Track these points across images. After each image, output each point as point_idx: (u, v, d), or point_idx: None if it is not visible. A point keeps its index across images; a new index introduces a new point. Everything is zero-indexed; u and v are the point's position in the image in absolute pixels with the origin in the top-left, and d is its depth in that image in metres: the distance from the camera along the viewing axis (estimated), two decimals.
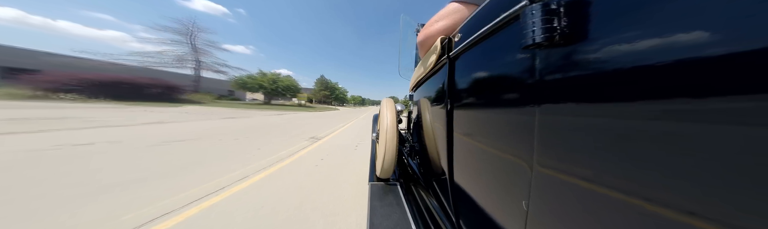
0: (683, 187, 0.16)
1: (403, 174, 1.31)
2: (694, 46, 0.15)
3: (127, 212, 1.60)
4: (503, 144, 0.39)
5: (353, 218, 1.69)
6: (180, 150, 3.42)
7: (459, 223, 0.61)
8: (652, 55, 0.17)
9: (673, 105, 0.16)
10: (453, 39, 0.58)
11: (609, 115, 0.21)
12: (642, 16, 0.18)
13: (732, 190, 0.14)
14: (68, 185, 1.99)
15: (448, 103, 0.64)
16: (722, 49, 0.14)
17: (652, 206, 0.18)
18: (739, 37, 0.13)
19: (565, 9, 0.25)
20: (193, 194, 1.96)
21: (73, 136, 3.96)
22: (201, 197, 1.92)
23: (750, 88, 0.13)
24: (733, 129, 0.13)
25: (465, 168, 0.57)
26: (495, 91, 0.42)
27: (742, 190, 0.13)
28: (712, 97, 0.14)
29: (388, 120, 1.03)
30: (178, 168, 2.59)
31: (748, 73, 0.13)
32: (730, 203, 0.14)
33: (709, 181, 0.15)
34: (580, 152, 0.24)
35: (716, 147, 0.14)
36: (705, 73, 0.15)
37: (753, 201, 0.13)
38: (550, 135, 0.27)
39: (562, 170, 0.26)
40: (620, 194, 0.20)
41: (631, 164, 0.19)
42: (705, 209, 0.15)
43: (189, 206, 1.76)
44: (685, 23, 0.15)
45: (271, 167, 2.87)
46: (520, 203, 0.33)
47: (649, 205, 0.18)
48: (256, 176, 2.53)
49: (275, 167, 2.91)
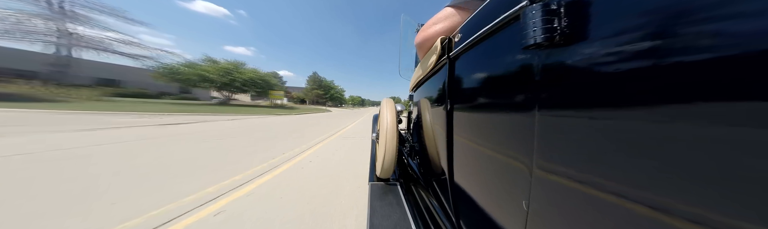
0: (683, 187, 0.16)
1: (403, 174, 1.31)
2: (694, 46, 0.15)
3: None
4: (503, 144, 0.39)
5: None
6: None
7: (459, 223, 0.61)
8: (653, 56, 0.17)
9: (673, 105, 0.16)
10: (453, 39, 0.58)
11: (609, 115, 0.21)
12: (642, 16, 0.18)
13: (732, 191, 0.14)
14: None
15: (448, 103, 0.64)
16: (722, 49, 0.14)
17: (652, 207, 0.18)
18: (740, 37, 0.13)
19: (565, 9, 0.25)
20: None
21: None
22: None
23: (751, 88, 0.13)
24: (733, 130, 0.13)
25: (465, 168, 0.57)
26: (495, 92, 0.42)
27: (743, 191, 0.13)
28: (713, 98, 0.14)
29: (388, 120, 1.03)
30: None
31: (749, 73, 0.13)
32: (730, 203, 0.14)
33: (709, 181, 0.15)
34: (580, 152, 0.24)
35: (716, 147, 0.14)
36: (705, 74, 0.15)
37: (753, 202, 0.13)
38: (550, 135, 0.27)
39: (562, 170, 0.26)
40: (620, 194, 0.20)
41: (631, 165, 0.19)
42: (705, 209, 0.15)
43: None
44: (685, 23, 0.15)
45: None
46: (520, 203, 0.33)
47: (649, 205, 0.18)
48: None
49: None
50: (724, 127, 0.14)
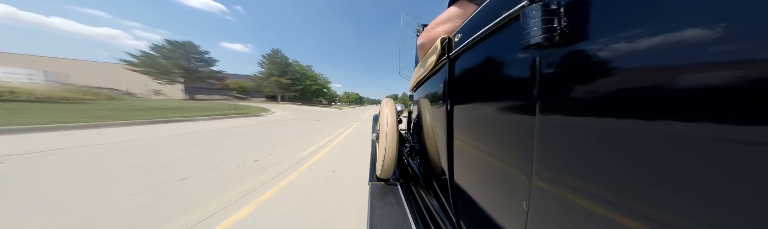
0: (683, 187, 0.16)
1: (403, 174, 1.31)
2: (694, 46, 0.15)
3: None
4: (503, 144, 0.39)
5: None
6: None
7: (459, 223, 0.61)
8: (652, 55, 0.17)
9: (673, 105, 0.16)
10: (453, 39, 0.58)
11: (609, 115, 0.21)
12: (642, 16, 0.18)
13: (732, 191, 0.14)
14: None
15: (448, 103, 0.64)
16: (722, 49, 0.14)
17: (651, 207, 0.18)
18: (740, 36, 0.13)
19: (565, 9, 0.25)
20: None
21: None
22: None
23: (751, 88, 0.13)
24: (734, 129, 0.13)
25: (465, 168, 0.57)
26: (495, 92, 0.42)
27: (743, 191, 0.13)
28: (713, 98, 0.14)
29: (388, 120, 1.03)
30: None
31: (749, 72, 0.13)
32: (730, 203, 0.14)
33: (709, 181, 0.15)
34: (580, 152, 0.24)
35: (716, 147, 0.14)
36: (705, 73, 0.14)
37: (753, 202, 0.13)
38: (550, 135, 0.27)
39: (562, 171, 0.26)
40: (620, 194, 0.20)
41: (630, 165, 0.19)
42: (705, 209, 0.15)
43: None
44: (685, 23, 0.15)
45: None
46: (520, 203, 0.33)
47: (649, 205, 0.18)
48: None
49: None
50: (724, 127, 0.14)
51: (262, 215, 1.63)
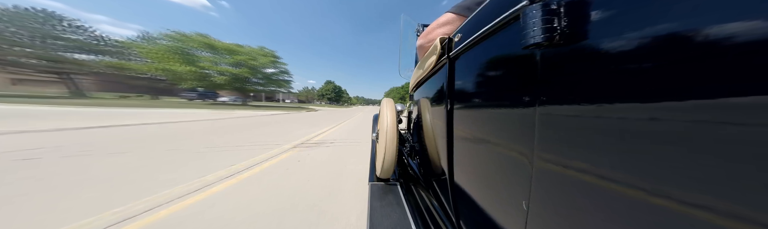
0: (683, 186, 0.16)
1: (403, 174, 1.31)
2: (694, 46, 0.15)
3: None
4: (503, 144, 0.39)
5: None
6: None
7: (459, 223, 0.61)
8: (652, 55, 0.17)
9: (673, 104, 0.16)
10: (453, 39, 0.58)
11: (609, 115, 0.21)
12: (642, 16, 0.18)
13: (733, 189, 0.14)
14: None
15: (448, 103, 0.64)
16: (722, 49, 0.14)
17: (652, 206, 0.18)
18: (740, 36, 0.13)
19: (565, 9, 0.25)
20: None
21: None
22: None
23: (750, 87, 0.13)
24: (733, 128, 0.13)
25: (465, 168, 0.57)
26: (495, 92, 0.42)
27: (743, 189, 0.13)
28: (712, 97, 0.14)
29: (388, 120, 1.03)
30: None
31: (749, 72, 0.13)
32: (730, 201, 0.14)
33: (709, 179, 0.15)
34: (580, 152, 0.24)
35: (716, 146, 0.14)
36: (705, 73, 0.15)
37: (754, 200, 0.13)
38: (550, 135, 0.27)
39: (562, 170, 0.26)
40: (620, 194, 0.20)
41: (631, 164, 0.19)
42: (705, 208, 0.15)
43: None
44: (685, 23, 0.15)
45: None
46: (520, 203, 0.33)
47: (649, 205, 0.18)
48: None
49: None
50: (724, 125, 0.14)
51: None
